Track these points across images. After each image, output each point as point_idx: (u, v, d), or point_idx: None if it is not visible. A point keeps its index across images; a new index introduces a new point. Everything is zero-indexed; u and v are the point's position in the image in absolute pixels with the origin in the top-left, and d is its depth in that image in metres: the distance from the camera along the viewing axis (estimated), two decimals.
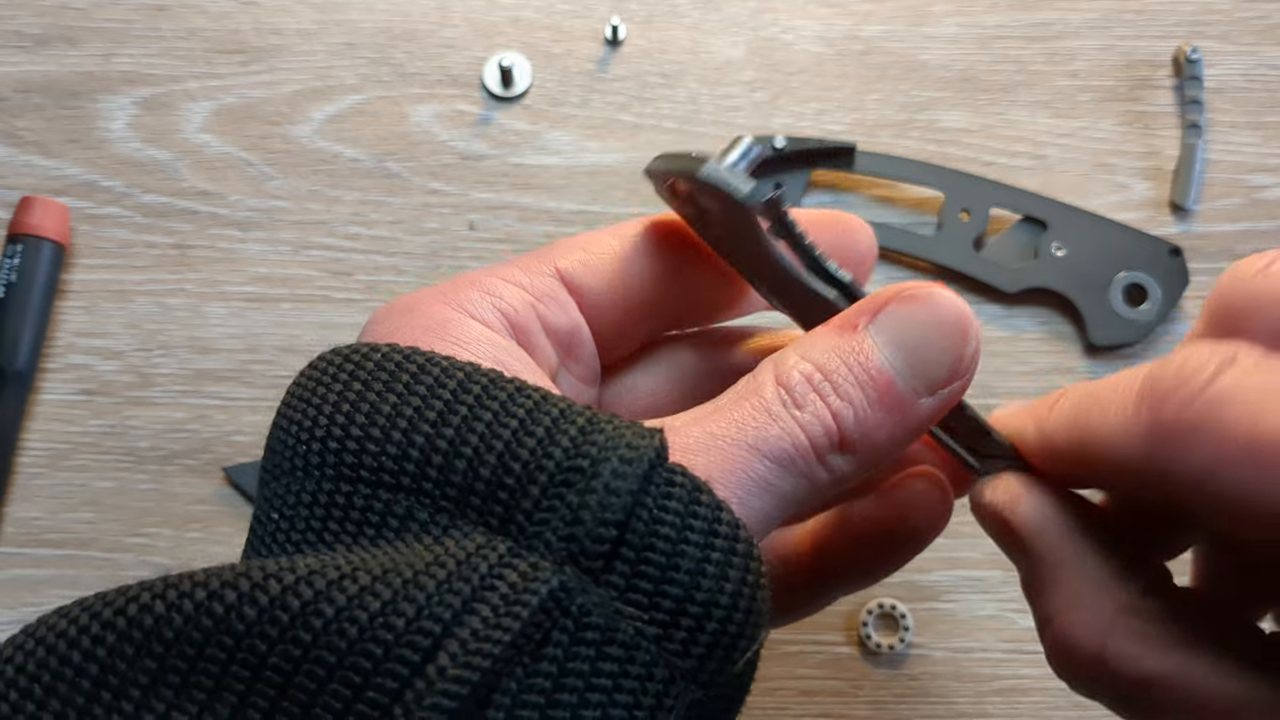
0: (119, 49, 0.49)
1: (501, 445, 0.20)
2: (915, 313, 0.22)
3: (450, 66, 0.49)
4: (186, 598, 0.19)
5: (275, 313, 0.46)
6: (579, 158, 0.48)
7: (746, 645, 0.20)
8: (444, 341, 0.22)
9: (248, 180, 0.47)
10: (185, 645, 0.18)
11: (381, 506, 0.20)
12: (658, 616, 0.19)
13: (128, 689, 0.18)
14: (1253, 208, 0.47)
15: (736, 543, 0.20)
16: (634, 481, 0.19)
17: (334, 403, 0.21)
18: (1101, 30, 0.49)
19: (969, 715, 0.41)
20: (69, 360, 0.45)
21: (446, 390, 0.21)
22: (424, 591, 0.18)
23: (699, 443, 0.21)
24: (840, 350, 0.22)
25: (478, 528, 0.20)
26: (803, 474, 0.21)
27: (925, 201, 0.47)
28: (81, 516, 0.43)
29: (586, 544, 0.19)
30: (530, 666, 0.18)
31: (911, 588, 0.42)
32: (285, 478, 0.21)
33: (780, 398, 0.22)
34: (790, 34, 0.50)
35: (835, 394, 0.22)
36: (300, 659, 0.18)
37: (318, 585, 0.19)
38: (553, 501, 0.19)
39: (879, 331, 0.22)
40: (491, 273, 0.24)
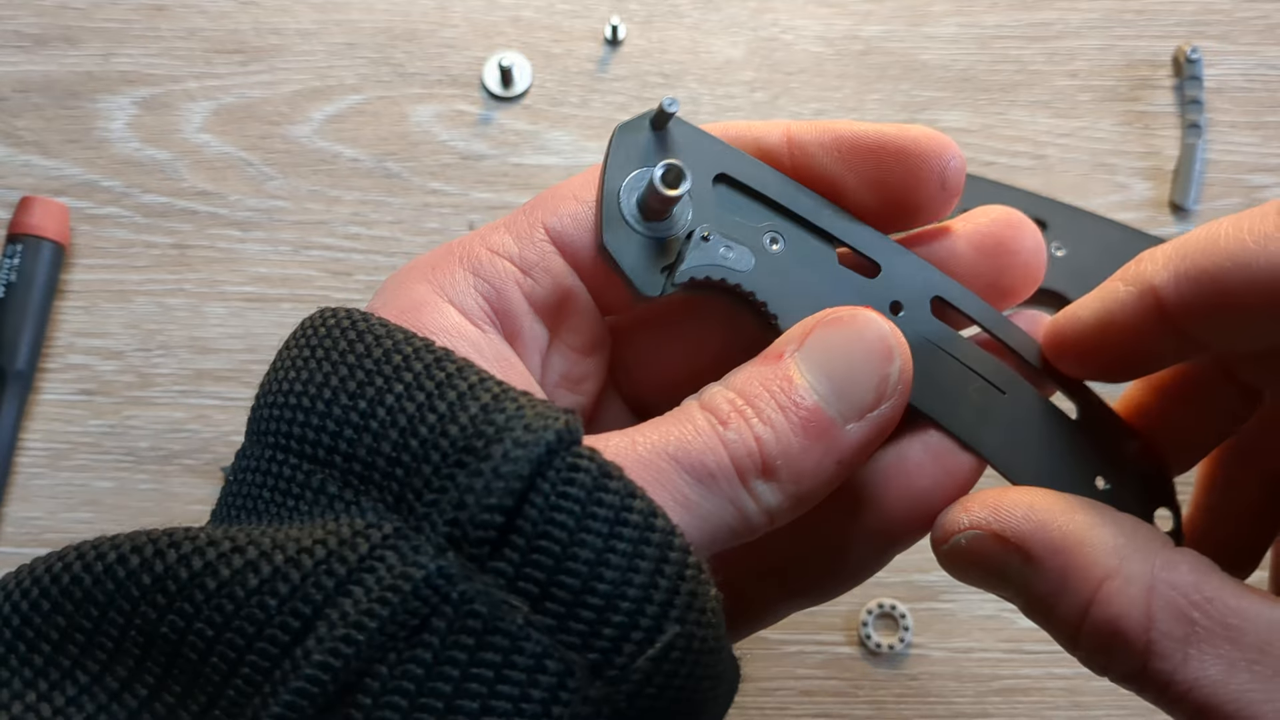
0: (118, 49, 0.49)
1: (405, 420, 0.19)
2: (838, 337, 0.22)
3: (450, 66, 0.49)
4: (100, 559, 0.19)
5: (275, 313, 0.46)
6: (579, 158, 0.48)
7: (669, 640, 0.19)
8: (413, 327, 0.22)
9: (247, 180, 0.47)
10: (91, 605, 0.19)
11: (302, 478, 0.20)
12: (552, 607, 0.18)
13: (39, 644, 0.19)
14: (1252, 207, 0.47)
15: (650, 531, 0.19)
16: (526, 465, 0.18)
17: (285, 369, 0.21)
18: (1101, 30, 0.49)
19: (968, 715, 0.41)
20: (69, 360, 0.45)
21: (370, 360, 0.20)
22: (300, 570, 0.18)
23: (619, 448, 0.20)
24: (764, 377, 0.22)
25: (376, 505, 0.19)
26: (726, 497, 0.21)
27: None
28: (81, 516, 0.43)
29: (470, 529, 0.18)
30: (404, 653, 0.18)
31: (911, 587, 0.42)
32: (247, 440, 0.22)
33: (706, 418, 0.21)
34: (790, 34, 0.50)
35: (758, 418, 0.21)
36: (184, 629, 0.18)
37: (209, 556, 0.19)
38: (444, 482, 0.19)
39: (804, 358, 0.22)
40: (482, 240, 0.24)
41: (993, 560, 0.22)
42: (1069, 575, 0.21)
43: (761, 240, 0.28)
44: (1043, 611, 0.22)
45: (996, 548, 0.22)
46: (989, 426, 0.28)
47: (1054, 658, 0.41)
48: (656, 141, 0.27)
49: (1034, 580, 0.22)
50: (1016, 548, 0.22)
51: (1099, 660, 0.21)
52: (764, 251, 0.28)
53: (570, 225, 0.24)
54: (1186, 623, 0.20)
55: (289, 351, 0.22)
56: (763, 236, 0.28)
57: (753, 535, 0.21)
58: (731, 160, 0.28)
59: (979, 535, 0.22)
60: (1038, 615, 0.22)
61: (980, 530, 0.22)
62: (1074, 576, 0.21)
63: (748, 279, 0.27)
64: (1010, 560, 0.22)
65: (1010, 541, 0.22)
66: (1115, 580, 0.21)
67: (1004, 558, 0.22)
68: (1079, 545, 0.21)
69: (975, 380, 0.28)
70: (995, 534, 0.22)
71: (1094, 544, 0.21)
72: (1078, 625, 0.21)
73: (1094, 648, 0.21)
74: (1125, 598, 0.20)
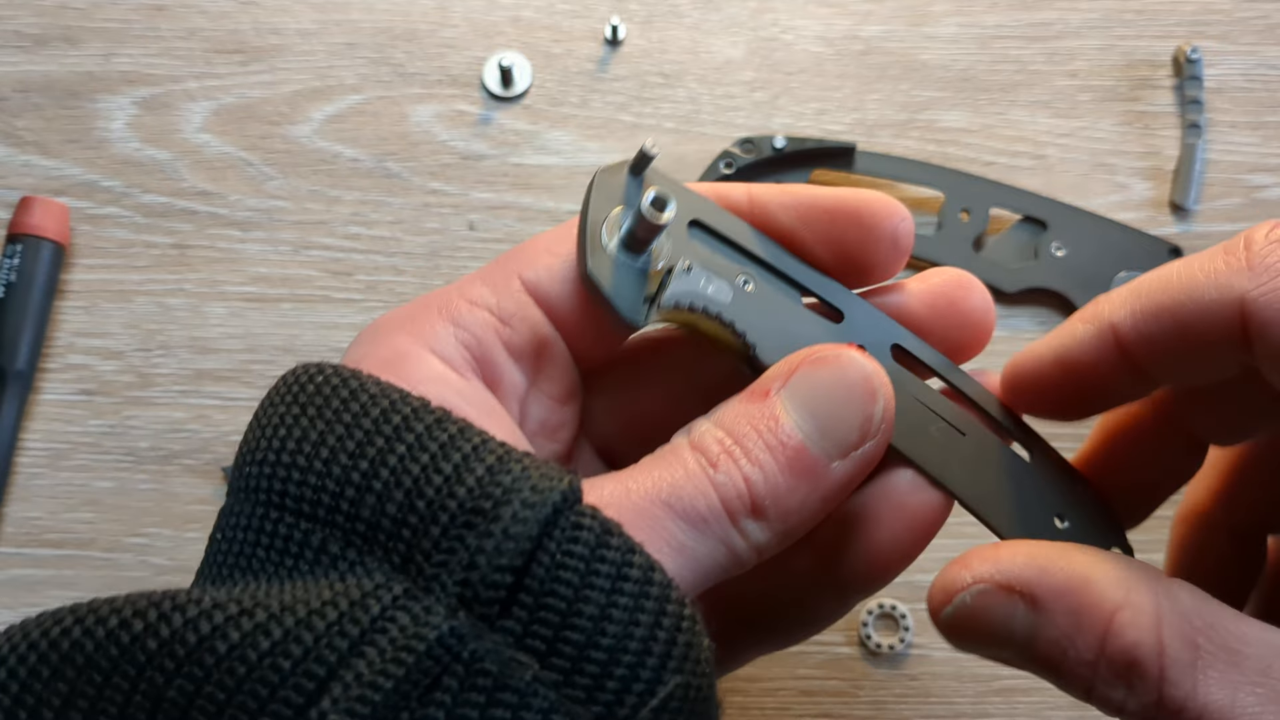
0: (118, 49, 0.49)
1: (410, 481, 0.20)
2: (823, 375, 0.23)
3: (450, 66, 0.49)
4: (101, 624, 0.19)
5: (275, 313, 0.46)
6: (579, 158, 0.48)
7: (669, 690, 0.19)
8: (398, 378, 0.22)
9: (247, 180, 0.47)
10: (94, 671, 0.19)
11: (300, 536, 0.20)
12: (558, 662, 0.19)
13: (41, 711, 0.19)
14: (1252, 207, 0.47)
15: (649, 585, 0.19)
16: (534, 526, 0.19)
17: (274, 426, 0.21)
18: (1101, 30, 0.49)
19: (968, 715, 0.41)
20: (69, 360, 0.45)
21: (368, 419, 0.21)
22: (313, 632, 0.18)
23: (613, 496, 0.21)
24: (751, 417, 0.22)
25: (382, 565, 0.19)
26: (718, 538, 0.21)
27: (925, 201, 0.47)
28: (81, 516, 0.43)
29: (481, 589, 0.19)
30: (417, 712, 0.18)
31: (912, 588, 0.42)
32: (232, 497, 0.22)
33: (696, 459, 0.22)
34: (790, 34, 0.50)
35: (746, 458, 0.22)
36: (194, 694, 0.18)
37: (216, 620, 0.19)
38: (452, 543, 0.19)
39: (790, 397, 0.22)
40: (459, 293, 0.24)
41: (999, 615, 0.22)
42: (1080, 613, 0.21)
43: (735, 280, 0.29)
44: (1054, 659, 0.22)
45: (1002, 600, 0.22)
46: (953, 464, 0.29)
47: None
48: (635, 184, 0.29)
49: (1043, 627, 0.22)
50: (1023, 595, 0.22)
51: (1117, 696, 0.21)
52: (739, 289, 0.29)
53: (546, 277, 0.25)
54: (1193, 648, 0.21)
55: (276, 409, 0.22)
56: (735, 278, 0.29)
57: (741, 570, 0.22)
58: (704, 208, 0.29)
59: (985, 590, 0.23)
60: (1046, 665, 0.22)
61: (985, 584, 0.23)
62: (1085, 614, 0.21)
63: (727, 310, 0.28)
64: (1016, 611, 0.22)
65: (1016, 589, 0.22)
66: (1126, 611, 0.21)
67: (1010, 609, 0.22)
68: (1085, 583, 0.21)
69: (937, 421, 0.30)
70: (1000, 585, 0.22)
71: (1099, 579, 0.21)
72: (1093, 663, 0.21)
73: (1112, 680, 0.21)
74: (1137, 627, 0.21)
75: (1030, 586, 0.22)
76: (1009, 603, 0.22)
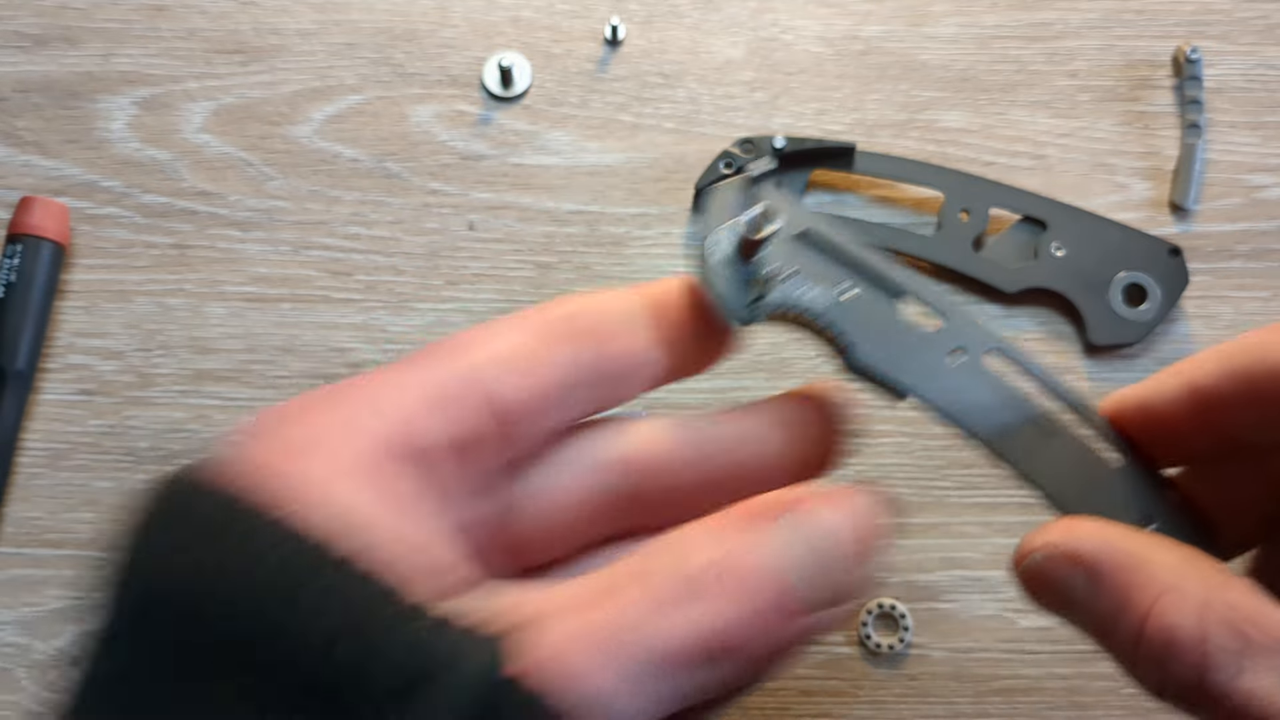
0: (118, 49, 0.49)
1: (327, 641, 0.18)
2: (821, 522, 0.21)
3: (450, 66, 0.49)
4: None
5: (275, 313, 0.46)
6: (579, 158, 0.48)
7: None
8: (308, 466, 0.20)
9: (247, 180, 0.47)
10: None
11: (194, 688, 0.18)
12: None
13: None
14: (1252, 207, 0.47)
15: None
16: (471, 700, 0.18)
17: (139, 553, 0.20)
18: (1101, 30, 0.49)
19: (968, 715, 0.41)
20: (69, 360, 0.45)
21: (274, 558, 0.19)
22: None
23: (570, 638, 0.19)
24: (743, 547, 0.20)
25: None
26: (686, 677, 0.19)
27: (925, 201, 0.47)
28: (81, 516, 0.43)
29: None
30: None
31: (911, 587, 0.42)
32: (112, 623, 0.20)
33: (673, 590, 0.20)
34: (790, 34, 0.50)
35: (724, 597, 0.20)
36: None
37: None
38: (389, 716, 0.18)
39: (785, 537, 0.21)
40: (386, 379, 0.22)
41: (1062, 578, 0.24)
42: (1130, 590, 0.23)
43: (837, 286, 0.32)
44: (1105, 630, 0.23)
45: (1067, 567, 0.24)
46: (1044, 465, 0.30)
47: (1054, 658, 0.41)
48: (747, 199, 0.32)
49: (1098, 598, 0.23)
50: (1085, 566, 0.24)
51: (1155, 674, 0.22)
52: (840, 295, 0.32)
53: (487, 364, 0.23)
54: (1241, 637, 0.21)
55: (162, 535, 0.20)
56: (838, 285, 0.32)
57: (700, 704, 0.21)
58: (811, 220, 0.33)
59: (1052, 555, 0.24)
60: (1101, 634, 0.24)
61: (1053, 551, 0.24)
62: (1134, 592, 0.23)
63: (824, 315, 0.31)
64: (1077, 579, 0.24)
65: (1080, 560, 0.24)
66: (1172, 594, 0.22)
67: (1072, 577, 0.24)
68: (1141, 564, 0.23)
69: (1032, 423, 0.32)
70: (1066, 553, 0.24)
71: (1154, 563, 0.23)
72: (1136, 638, 0.22)
73: (1151, 659, 0.22)
74: (1179, 611, 0.22)
75: (1092, 558, 0.23)
76: (1072, 570, 0.24)
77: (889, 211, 0.47)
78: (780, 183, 0.47)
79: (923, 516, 0.43)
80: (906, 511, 0.43)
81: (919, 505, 0.43)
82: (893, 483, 0.43)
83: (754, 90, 0.49)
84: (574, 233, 0.47)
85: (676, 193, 0.47)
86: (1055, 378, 0.32)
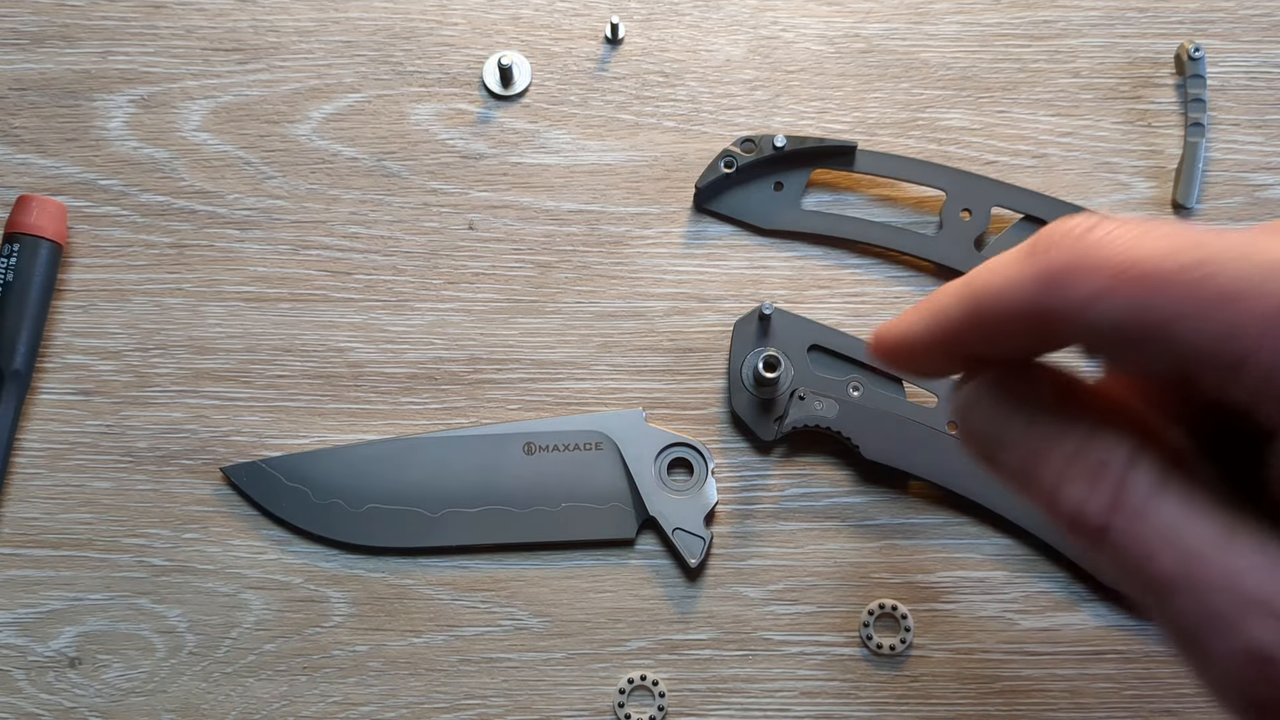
0: (116, 47, 0.49)
1: None
2: None
3: (449, 65, 0.49)
4: None
5: (274, 312, 0.45)
6: (578, 157, 0.48)
7: None
8: None
9: (246, 179, 0.47)
10: None
11: None
12: None
13: None
14: (1255, 206, 0.47)
15: None
16: None
17: None
18: (1103, 28, 0.49)
19: (970, 716, 0.41)
20: (66, 360, 0.45)
21: None
22: None
23: None
24: None
25: None
26: None
27: (926, 201, 0.47)
28: (79, 517, 0.43)
29: None
30: None
31: (912, 588, 0.42)
32: None
33: None
34: (791, 32, 0.49)
35: None
36: None
37: None
38: None
39: None
40: None
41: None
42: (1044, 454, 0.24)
43: (846, 390, 0.42)
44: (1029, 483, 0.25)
45: None
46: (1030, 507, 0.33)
47: (1056, 659, 0.41)
48: (762, 327, 0.43)
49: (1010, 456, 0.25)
50: None
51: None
52: (846, 400, 0.41)
53: None
54: None
55: None
56: (846, 386, 0.42)
57: None
58: (819, 334, 0.43)
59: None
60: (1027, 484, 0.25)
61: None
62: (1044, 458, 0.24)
63: (834, 423, 0.41)
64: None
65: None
66: None
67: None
68: None
69: None
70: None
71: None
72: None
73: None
74: None
75: None
76: None
77: (890, 211, 0.47)
78: (782, 184, 0.47)
79: (923, 516, 0.43)
80: (906, 512, 0.43)
81: (920, 505, 0.43)
82: (892, 483, 0.43)
83: (754, 89, 0.48)
84: (574, 232, 0.47)
85: (677, 192, 0.47)
86: None
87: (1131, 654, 0.41)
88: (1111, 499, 0.22)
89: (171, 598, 0.42)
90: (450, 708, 0.41)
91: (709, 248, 0.46)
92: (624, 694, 0.41)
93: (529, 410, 0.44)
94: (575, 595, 0.42)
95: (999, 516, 0.42)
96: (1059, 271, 0.22)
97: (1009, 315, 0.23)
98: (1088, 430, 0.23)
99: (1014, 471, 0.25)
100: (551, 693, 0.41)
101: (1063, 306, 0.22)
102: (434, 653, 0.42)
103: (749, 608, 0.42)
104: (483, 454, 0.43)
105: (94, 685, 0.41)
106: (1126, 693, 0.41)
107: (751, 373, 0.42)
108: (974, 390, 0.26)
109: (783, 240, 0.47)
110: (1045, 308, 0.22)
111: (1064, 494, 0.23)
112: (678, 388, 0.45)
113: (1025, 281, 0.23)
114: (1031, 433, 0.24)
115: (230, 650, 0.42)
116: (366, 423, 0.44)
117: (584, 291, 0.46)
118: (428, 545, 0.43)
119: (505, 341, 0.45)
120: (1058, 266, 0.22)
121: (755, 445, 0.44)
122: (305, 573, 0.42)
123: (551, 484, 0.43)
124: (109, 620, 0.42)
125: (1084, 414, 0.24)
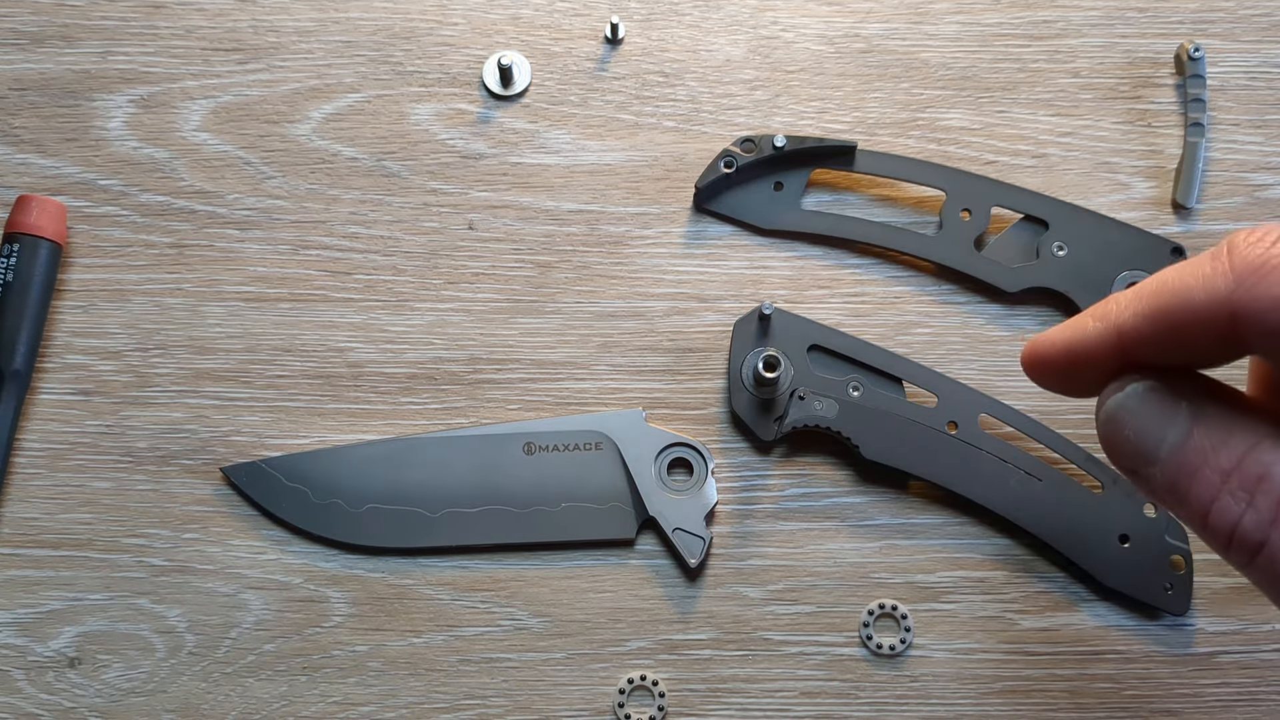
0: (116, 47, 0.49)
1: None
2: None
3: (449, 65, 0.49)
4: None
5: (274, 312, 0.45)
6: (578, 157, 0.48)
7: None
8: None
9: (246, 179, 0.47)
10: None
11: None
12: None
13: None
14: (1255, 206, 0.47)
15: None
16: None
17: None
18: (1103, 28, 0.49)
19: (970, 716, 0.41)
20: (66, 360, 0.45)
21: None
22: None
23: None
24: None
25: None
26: None
27: (926, 200, 0.47)
28: (79, 517, 0.43)
29: None
30: None
31: (913, 588, 0.42)
32: None
33: None
34: (791, 32, 0.49)
35: None
36: None
37: None
38: None
39: None
40: None
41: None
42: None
43: (846, 390, 0.42)
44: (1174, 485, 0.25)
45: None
46: (1029, 507, 0.40)
47: (1056, 659, 0.41)
48: (762, 327, 0.42)
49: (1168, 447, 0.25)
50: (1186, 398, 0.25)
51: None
52: (846, 399, 0.41)
53: None
54: None
55: None
56: (846, 386, 0.42)
57: None
58: (819, 334, 0.43)
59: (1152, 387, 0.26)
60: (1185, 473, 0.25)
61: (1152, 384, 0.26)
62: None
63: (834, 422, 0.41)
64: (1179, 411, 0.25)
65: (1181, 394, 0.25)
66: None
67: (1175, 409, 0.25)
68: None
69: (1016, 474, 0.41)
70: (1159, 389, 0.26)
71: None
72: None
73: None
74: None
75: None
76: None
77: (890, 210, 0.47)
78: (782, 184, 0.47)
79: (923, 516, 0.43)
80: (906, 512, 0.43)
81: (920, 505, 0.43)
82: (892, 482, 0.43)
83: (754, 89, 0.48)
84: (574, 232, 0.47)
85: (676, 192, 0.47)
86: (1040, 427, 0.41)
87: (1131, 654, 0.41)
88: (1273, 514, 0.22)
89: (171, 598, 0.42)
90: (450, 708, 0.41)
91: (709, 248, 0.46)
92: (624, 694, 0.41)
93: (529, 410, 0.44)
94: (575, 595, 0.42)
95: (999, 516, 0.42)
96: (1253, 270, 0.22)
97: (1196, 316, 0.23)
98: (1247, 443, 0.23)
99: (1163, 484, 0.24)
100: (551, 693, 0.41)
101: (1254, 305, 0.22)
102: (434, 653, 0.42)
103: (749, 608, 0.42)
104: (482, 454, 0.43)
105: (94, 685, 0.41)
106: (1126, 693, 0.41)
107: (751, 373, 0.42)
108: (1128, 397, 0.25)
109: (783, 240, 0.47)
110: (1236, 307, 0.22)
111: (1219, 508, 0.23)
112: (678, 388, 0.45)
113: (1217, 279, 0.23)
114: (1187, 444, 0.24)
115: (230, 650, 0.42)
116: (366, 423, 0.44)
117: (584, 291, 0.46)
118: (428, 545, 0.43)
119: (505, 341, 0.45)
120: (1252, 265, 0.22)
121: (755, 445, 0.44)
122: (305, 573, 0.42)
123: (551, 484, 0.43)
124: (109, 620, 0.42)
125: (1244, 425, 0.23)
